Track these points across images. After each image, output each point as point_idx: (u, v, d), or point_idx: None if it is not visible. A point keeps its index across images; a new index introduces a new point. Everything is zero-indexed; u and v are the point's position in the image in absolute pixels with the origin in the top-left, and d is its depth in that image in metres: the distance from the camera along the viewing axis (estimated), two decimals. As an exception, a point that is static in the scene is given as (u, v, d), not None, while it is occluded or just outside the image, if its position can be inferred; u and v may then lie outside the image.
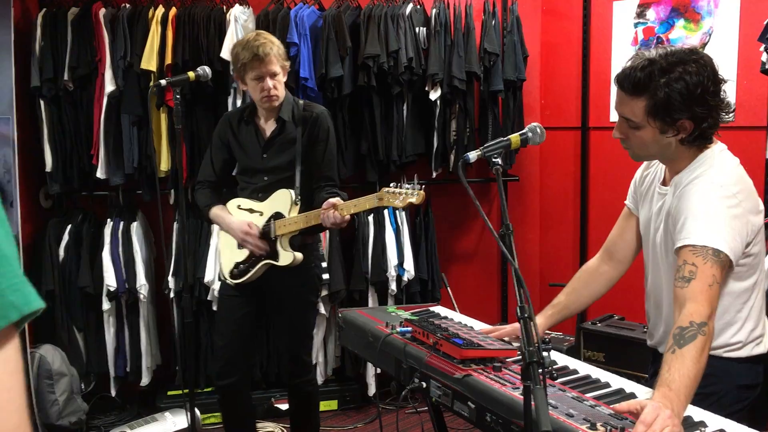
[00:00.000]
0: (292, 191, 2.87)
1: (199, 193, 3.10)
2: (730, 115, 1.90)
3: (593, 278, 2.27)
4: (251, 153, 2.98)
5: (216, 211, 3.02)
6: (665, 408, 1.48)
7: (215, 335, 3.18)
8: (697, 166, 1.89)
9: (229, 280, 3.01)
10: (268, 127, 2.97)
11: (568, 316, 2.30)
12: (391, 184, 2.54)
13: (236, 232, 2.91)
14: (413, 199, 2.45)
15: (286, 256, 2.87)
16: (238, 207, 3.01)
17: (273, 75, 2.83)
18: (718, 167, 1.87)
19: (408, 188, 2.48)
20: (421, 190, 2.45)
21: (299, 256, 2.87)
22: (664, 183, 2.00)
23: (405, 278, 4.06)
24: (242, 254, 2.97)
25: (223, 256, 3.08)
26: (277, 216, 2.89)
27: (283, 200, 2.88)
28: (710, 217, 1.78)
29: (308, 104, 3.02)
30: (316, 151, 2.94)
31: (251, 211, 2.97)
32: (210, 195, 3.07)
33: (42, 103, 3.80)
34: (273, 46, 2.83)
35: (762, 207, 1.91)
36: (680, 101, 1.79)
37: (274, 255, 2.89)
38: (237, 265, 2.99)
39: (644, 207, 2.09)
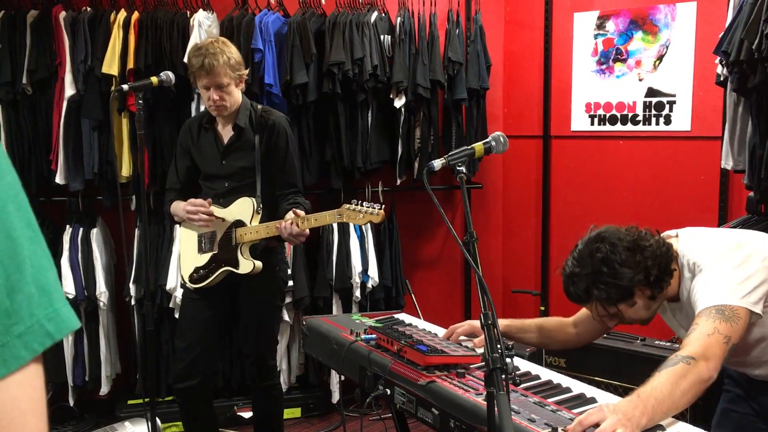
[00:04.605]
0: (254, 199, 2.86)
1: (166, 199, 3.12)
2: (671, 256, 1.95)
3: (562, 330, 2.30)
4: (210, 159, 2.98)
5: (173, 205, 3.03)
6: (612, 414, 1.50)
7: (177, 338, 3.15)
8: (686, 272, 1.93)
9: (189, 285, 3.00)
10: (226, 133, 2.96)
11: (522, 342, 2.34)
12: (352, 201, 2.58)
13: (183, 213, 2.92)
14: (374, 219, 2.52)
15: (246, 265, 2.86)
16: None
17: (219, 86, 2.78)
18: (696, 255, 1.91)
19: (369, 207, 2.53)
20: (381, 209, 2.51)
21: (259, 264, 2.87)
22: (672, 300, 2.02)
23: (369, 285, 4.06)
24: (202, 259, 2.97)
25: (183, 261, 3.07)
26: (239, 224, 2.88)
27: (244, 208, 2.88)
28: (709, 285, 1.82)
29: (266, 110, 3.00)
30: (277, 158, 2.94)
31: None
32: (174, 198, 3.07)
33: (-1, 106, 3.73)
34: (223, 56, 2.75)
35: None
36: (625, 281, 1.86)
37: (234, 262, 2.88)
38: (197, 269, 2.98)
39: (664, 316, 2.12)
